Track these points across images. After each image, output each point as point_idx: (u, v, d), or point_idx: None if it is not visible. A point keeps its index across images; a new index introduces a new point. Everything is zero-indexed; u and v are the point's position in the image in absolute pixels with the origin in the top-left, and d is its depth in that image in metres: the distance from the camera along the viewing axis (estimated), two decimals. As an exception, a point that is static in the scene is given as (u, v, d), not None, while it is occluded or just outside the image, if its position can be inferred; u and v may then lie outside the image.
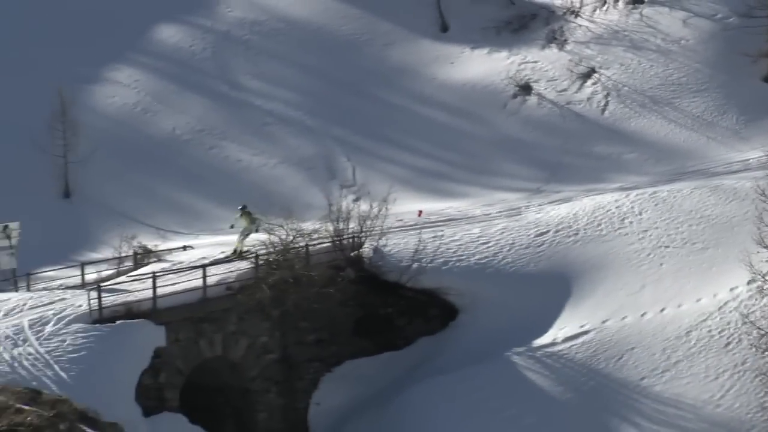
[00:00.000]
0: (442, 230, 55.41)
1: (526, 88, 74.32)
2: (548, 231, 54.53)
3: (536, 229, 54.79)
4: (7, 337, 40.22)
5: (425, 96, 76.69)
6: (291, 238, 50.94)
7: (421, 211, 60.35)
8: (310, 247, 51.00)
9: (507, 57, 77.42)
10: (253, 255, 49.84)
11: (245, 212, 50.59)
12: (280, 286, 48.54)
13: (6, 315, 42.66)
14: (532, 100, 73.79)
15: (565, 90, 73.78)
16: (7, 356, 38.73)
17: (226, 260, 50.41)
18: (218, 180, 72.69)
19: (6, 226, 52.67)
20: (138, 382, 42.21)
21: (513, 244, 53.84)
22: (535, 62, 76.34)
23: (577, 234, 54.19)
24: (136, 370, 42.40)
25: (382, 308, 51.94)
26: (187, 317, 45.77)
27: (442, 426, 45.50)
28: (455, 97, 75.84)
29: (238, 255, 49.92)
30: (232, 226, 51.71)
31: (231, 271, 48.77)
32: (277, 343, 49.26)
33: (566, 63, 75.48)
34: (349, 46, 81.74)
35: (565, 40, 77.40)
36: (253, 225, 50.53)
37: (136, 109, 79.37)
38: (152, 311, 44.65)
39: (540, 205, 59.44)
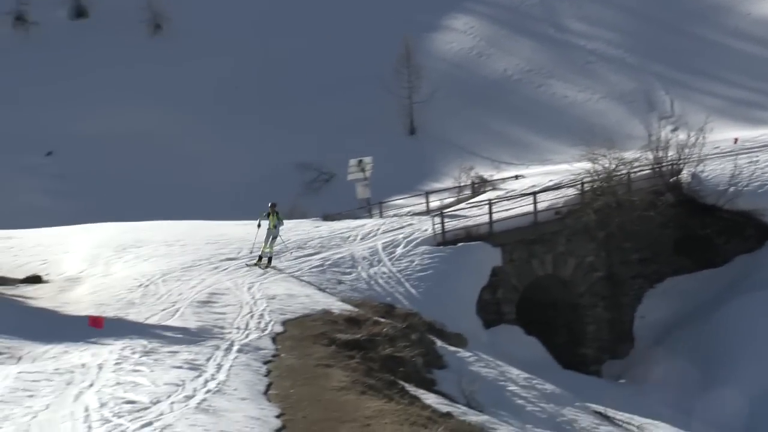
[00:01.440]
0: (757, 156, 53.29)
1: (841, 20, 70.50)
2: None
3: None
4: (364, 258, 41.30)
5: (739, 31, 74.04)
6: (614, 166, 50.24)
7: (737, 139, 58.33)
8: (632, 175, 50.17)
9: (823, -10, 73.70)
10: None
11: (274, 211, 37.90)
12: (605, 210, 48.01)
13: (363, 239, 43.79)
14: None
15: None
16: (365, 275, 39.77)
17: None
18: (546, 115, 72.64)
19: (361, 161, 54.17)
20: (478, 297, 42.66)
21: (830, 167, 51.26)
22: None
23: None
24: (476, 287, 42.83)
25: (701, 229, 50.51)
26: (520, 239, 45.82)
27: (761, 338, 44.01)
28: (769, 31, 72.91)
29: (268, 262, 37.82)
30: (259, 225, 38.27)
31: (559, 198, 48.51)
32: (602, 262, 48.75)
33: None
34: (667, -14, 79.66)
35: None
36: (276, 228, 37.91)
37: (471, 53, 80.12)
38: (489, 234, 44.88)
39: None
